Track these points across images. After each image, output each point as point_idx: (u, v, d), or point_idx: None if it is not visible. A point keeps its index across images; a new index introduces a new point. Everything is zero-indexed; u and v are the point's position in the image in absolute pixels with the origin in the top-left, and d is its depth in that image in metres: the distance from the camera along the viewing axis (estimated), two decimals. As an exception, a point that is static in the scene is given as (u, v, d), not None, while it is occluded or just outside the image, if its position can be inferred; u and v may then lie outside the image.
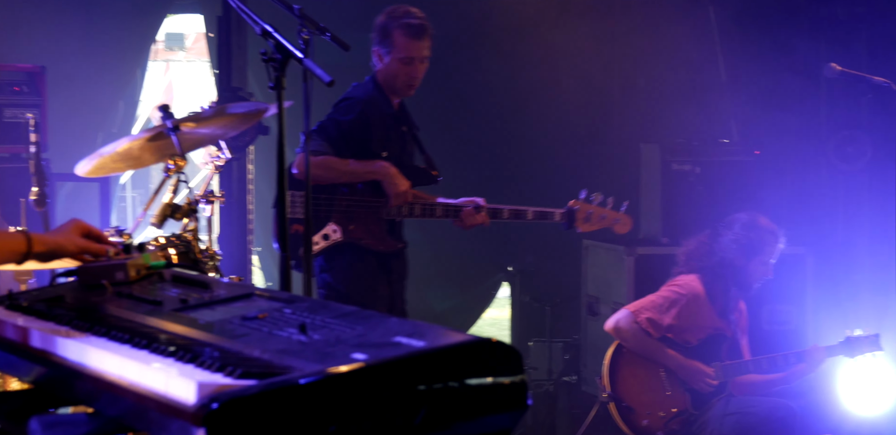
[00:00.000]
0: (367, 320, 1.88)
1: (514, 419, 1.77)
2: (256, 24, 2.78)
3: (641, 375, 4.67)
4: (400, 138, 4.57)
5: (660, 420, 4.62)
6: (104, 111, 7.28)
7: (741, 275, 4.72)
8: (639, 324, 4.62)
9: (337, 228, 4.41)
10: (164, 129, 3.10)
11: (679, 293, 4.69)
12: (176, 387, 1.64)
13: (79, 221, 2.36)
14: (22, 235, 2.29)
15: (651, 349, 4.62)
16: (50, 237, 2.31)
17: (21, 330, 2.02)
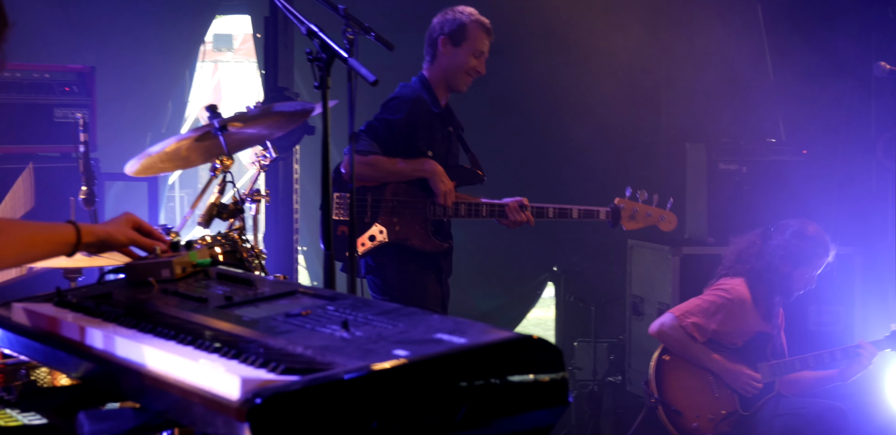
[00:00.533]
0: (409, 317, 1.89)
1: (555, 416, 1.78)
2: (302, 24, 2.80)
3: (688, 379, 4.65)
4: (445, 138, 4.59)
5: (709, 423, 4.60)
6: (153, 111, 7.37)
7: (785, 282, 4.69)
8: (684, 328, 4.60)
9: (383, 229, 4.44)
10: (211, 129, 3.14)
11: (726, 298, 4.66)
12: (220, 382, 1.66)
13: (131, 215, 2.37)
14: (70, 225, 2.30)
15: (695, 354, 4.60)
16: (100, 227, 2.32)
17: (70, 326, 2.05)
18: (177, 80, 7.57)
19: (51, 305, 2.24)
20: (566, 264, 6.95)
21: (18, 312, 2.20)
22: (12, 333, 2.19)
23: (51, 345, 2.07)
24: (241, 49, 12.26)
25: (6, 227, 2.25)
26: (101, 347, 1.96)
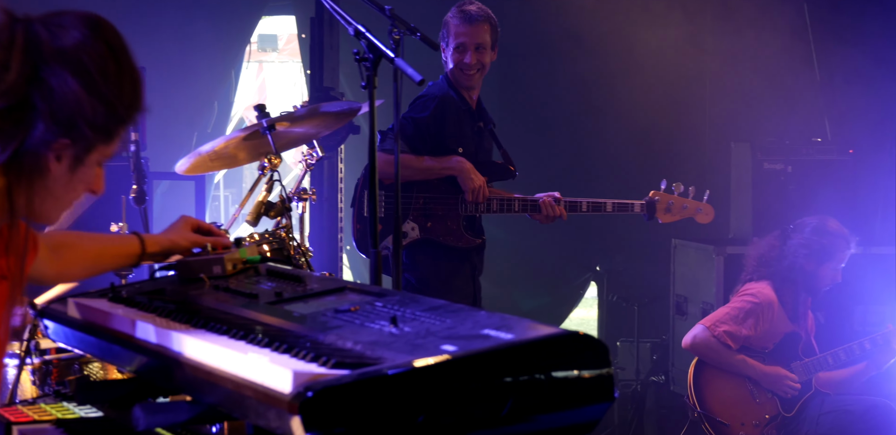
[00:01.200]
0: (457, 313, 1.92)
1: (600, 412, 1.79)
2: (349, 25, 2.84)
3: (727, 388, 4.64)
4: (476, 134, 4.61)
5: (755, 429, 4.60)
6: (199, 111, 7.45)
7: (811, 280, 4.67)
8: (717, 338, 4.60)
9: (415, 226, 4.48)
10: (259, 129, 3.18)
11: (754, 303, 4.65)
12: (272, 376, 1.69)
13: (188, 217, 2.43)
14: (135, 237, 2.37)
15: (731, 362, 4.60)
16: (163, 236, 2.39)
17: (124, 321, 2.09)
18: (223, 81, 7.65)
19: (105, 300, 2.29)
20: (609, 264, 6.95)
21: (74, 308, 2.25)
22: (68, 327, 2.24)
23: (105, 339, 2.12)
24: (286, 49, 12.35)
25: (74, 241, 2.32)
26: (155, 341, 2.00)
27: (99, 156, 1.89)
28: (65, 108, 1.80)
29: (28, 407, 2.30)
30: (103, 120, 1.83)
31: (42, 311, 2.33)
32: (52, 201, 1.89)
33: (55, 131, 1.81)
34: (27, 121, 1.79)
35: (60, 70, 1.80)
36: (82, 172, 1.88)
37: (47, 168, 1.84)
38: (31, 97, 1.79)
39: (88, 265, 2.36)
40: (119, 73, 1.85)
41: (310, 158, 3.46)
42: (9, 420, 2.19)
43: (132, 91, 1.87)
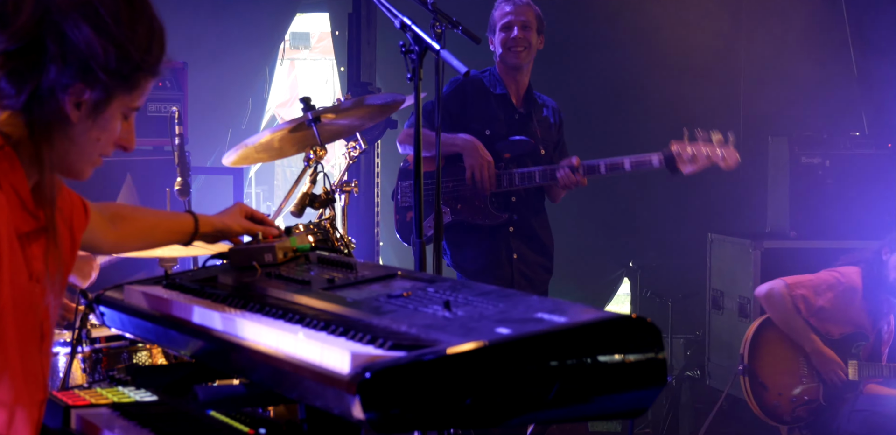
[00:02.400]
0: (509, 298, 1.94)
1: (652, 396, 1.81)
2: (395, 18, 2.86)
3: (781, 356, 4.63)
4: (510, 119, 4.61)
5: (790, 404, 4.59)
6: (234, 108, 7.51)
7: (884, 272, 4.62)
8: (792, 298, 4.58)
9: (447, 210, 4.53)
10: (305, 121, 3.22)
11: (838, 280, 4.63)
12: (330, 358, 1.72)
13: (242, 205, 2.48)
14: (189, 215, 2.41)
15: (795, 326, 4.57)
16: (216, 218, 2.43)
17: (181, 307, 2.13)
18: (257, 78, 7.70)
19: (160, 287, 2.33)
20: (642, 260, 6.94)
21: (131, 294, 2.29)
22: (124, 313, 2.28)
23: (162, 324, 2.16)
24: (318, 47, 12.40)
25: (131, 213, 2.36)
26: (212, 325, 2.04)
27: (121, 105, 1.90)
28: (76, 50, 1.82)
29: (84, 391, 2.34)
30: (115, 63, 1.84)
31: (97, 297, 2.37)
32: (76, 152, 1.91)
33: (69, 75, 1.83)
34: (40, 63, 1.83)
35: (72, 13, 1.83)
36: (104, 121, 1.90)
37: (66, 115, 1.86)
38: (43, 40, 1.82)
39: (143, 238, 2.39)
40: (132, 18, 1.87)
41: (353, 151, 3.49)
42: (67, 404, 2.23)
43: (147, 36, 1.89)
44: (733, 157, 4.51)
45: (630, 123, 6.78)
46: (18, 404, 1.87)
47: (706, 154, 4.48)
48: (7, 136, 1.89)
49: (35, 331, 1.93)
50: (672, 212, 6.71)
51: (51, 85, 1.83)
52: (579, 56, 6.70)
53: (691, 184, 6.61)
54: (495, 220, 4.60)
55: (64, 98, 1.85)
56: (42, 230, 1.93)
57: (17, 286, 1.86)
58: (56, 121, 1.86)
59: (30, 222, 1.91)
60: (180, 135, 4.06)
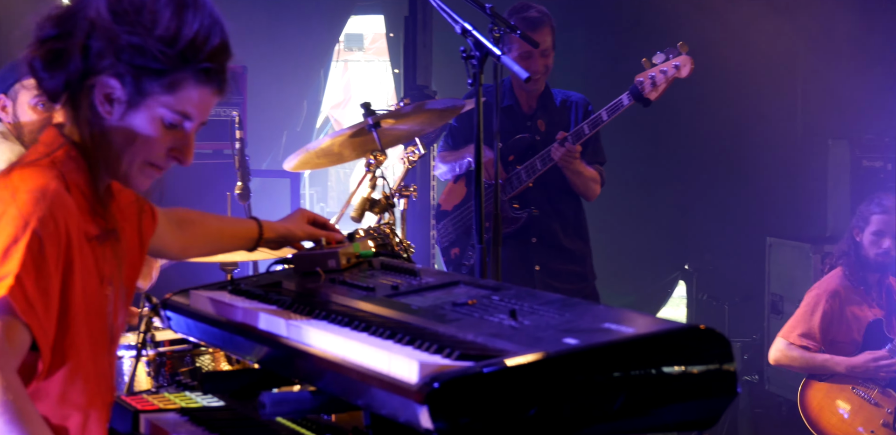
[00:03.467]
0: (575, 307, 1.93)
1: (722, 407, 1.80)
2: (456, 23, 2.87)
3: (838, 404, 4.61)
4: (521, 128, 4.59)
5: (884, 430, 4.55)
6: (289, 111, 7.56)
7: (859, 251, 4.69)
8: (793, 344, 4.63)
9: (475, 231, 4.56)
10: (365, 126, 3.23)
11: (816, 294, 4.71)
12: (398, 367, 1.73)
13: (305, 211, 2.49)
14: (254, 221, 2.43)
15: (818, 364, 4.60)
16: (280, 224, 2.45)
17: (246, 313, 2.14)
18: (312, 80, 7.75)
19: (225, 292, 2.34)
20: (698, 262, 6.90)
21: (197, 299, 2.31)
22: (190, 318, 2.30)
23: (228, 330, 2.17)
24: (371, 48, 12.45)
25: (198, 218, 2.39)
26: (277, 332, 2.05)
27: (159, 106, 1.88)
28: (99, 39, 1.86)
29: (152, 396, 2.37)
30: (141, 58, 1.85)
31: (164, 302, 2.40)
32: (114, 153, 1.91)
33: (95, 65, 1.86)
34: (67, 51, 1.87)
35: (97, 2, 1.87)
36: (136, 119, 1.89)
37: (98, 110, 1.88)
38: (73, 30, 1.87)
39: (210, 243, 2.42)
40: (155, 11, 1.87)
41: (411, 155, 3.50)
42: (136, 408, 2.26)
43: (176, 30, 1.87)
44: (689, 62, 4.36)
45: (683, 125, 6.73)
46: (92, 407, 1.90)
47: (663, 72, 4.37)
48: (73, 142, 1.92)
49: (105, 333, 1.96)
50: (729, 214, 6.66)
51: (79, 74, 1.87)
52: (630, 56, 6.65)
53: (750, 186, 6.56)
54: (518, 222, 4.56)
55: (94, 91, 1.87)
56: (111, 233, 1.96)
57: (89, 289, 1.89)
58: (91, 116, 1.89)
59: (98, 226, 1.94)
60: (241, 139, 4.09)
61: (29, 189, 1.83)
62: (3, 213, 1.80)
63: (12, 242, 1.77)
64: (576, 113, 4.70)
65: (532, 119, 4.63)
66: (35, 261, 1.77)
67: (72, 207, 1.86)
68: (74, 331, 1.86)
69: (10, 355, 1.75)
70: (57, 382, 1.86)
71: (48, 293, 1.79)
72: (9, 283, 1.74)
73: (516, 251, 4.54)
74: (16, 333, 1.76)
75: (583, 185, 4.59)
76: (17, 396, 1.73)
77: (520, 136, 4.61)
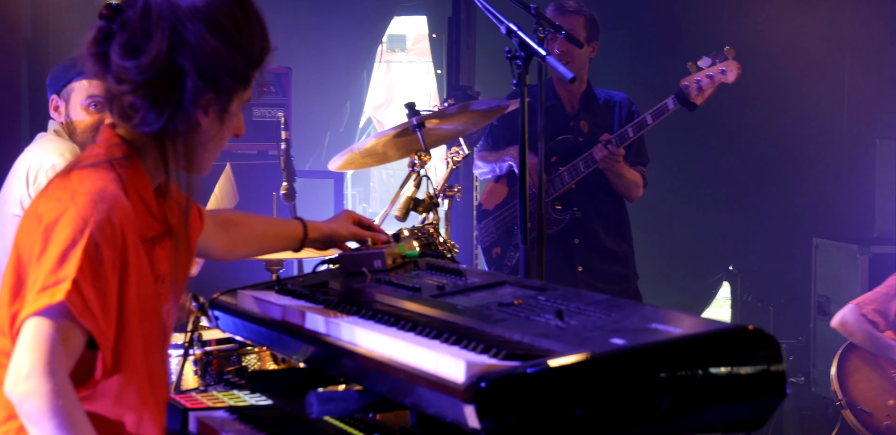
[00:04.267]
0: (622, 308, 1.93)
1: (770, 408, 1.79)
2: (501, 24, 2.87)
3: (873, 378, 4.56)
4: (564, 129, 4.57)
5: None
6: (333, 111, 7.59)
7: None
8: (865, 316, 4.55)
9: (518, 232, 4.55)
10: (409, 126, 3.24)
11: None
12: (445, 366, 1.73)
13: (350, 211, 2.51)
14: (299, 222, 2.45)
15: (879, 344, 4.54)
16: (325, 225, 2.46)
17: (293, 312, 2.16)
18: (355, 81, 7.78)
19: (272, 292, 2.36)
20: (742, 263, 6.85)
21: (244, 299, 2.33)
22: (238, 318, 2.33)
23: (275, 329, 2.19)
24: (413, 49, 12.47)
25: (243, 220, 2.41)
26: (325, 331, 2.06)
27: (239, 102, 1.98)
28: (208, 63, 1.89)
29: (201, 394, 2.39)
30: (243, 69, 1.92)
31: (212, 302, 2.42)
32: (203, 153, 1.99)
33: (202, 87, 1.89)
34: (178, 83, 1.89)
35: (198, 27, 1.89)
36: (228, 121, 1.97)
37: (198, 124, 1.93)
38: (176, 60, 1.88)
39: (255, 244, 2.44)
40: (248, 23, 1.94)
41: (455, 156, 3.50)
42: (185, 406, 2.29)
43: (261, 37, 1.97)
44: (736, 67, 4.33)
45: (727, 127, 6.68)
46: (146, 405, 1.92)
47: (709, 76, 4.34)
48: (129, 142, 1.94)
49: (158, 333, 1.98)
50: (775, 215, 6.61)
51: (187, 102, 1.90)
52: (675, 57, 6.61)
53: (796, 187, 6.50)
54: (561, 224, 4.55)
55: (196, 110, 1.91)
56: (166, 234, 1.99)
57: (143, 290, 1.91)
58: (190, 132, 1.94)
59: (154, 228, 1.96)
60: (286, 140, 4.12)
61: (87, 191, 1.85)
62: (62, 215, 1.82)
63: (70, 246, 1.79)
64: (619, 113, 4.68)
65: (575, 119, 4.62)
66: (92, 264, 1.79)
67: (128, 210, 1.88)
68: (130, 332, 1.88)
69: (63, 359, 1.77)
70: (113, 382, 1.88)
71: (106, 296, 1.81)
72: (66, 287, 1.76)
73: (559, 252, 4.52)
74: (71, 337, 1.78)
75: (625, 188, 4.57)
76: (68, 401, 1.75)
77: (562, 137, 4.60)
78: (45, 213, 1.84)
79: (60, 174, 1.92)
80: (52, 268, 1.78)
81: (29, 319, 1.77)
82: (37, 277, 1.80)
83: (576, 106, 4.63)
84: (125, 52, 1.89)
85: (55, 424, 1.73)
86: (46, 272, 1.78)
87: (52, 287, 1.77)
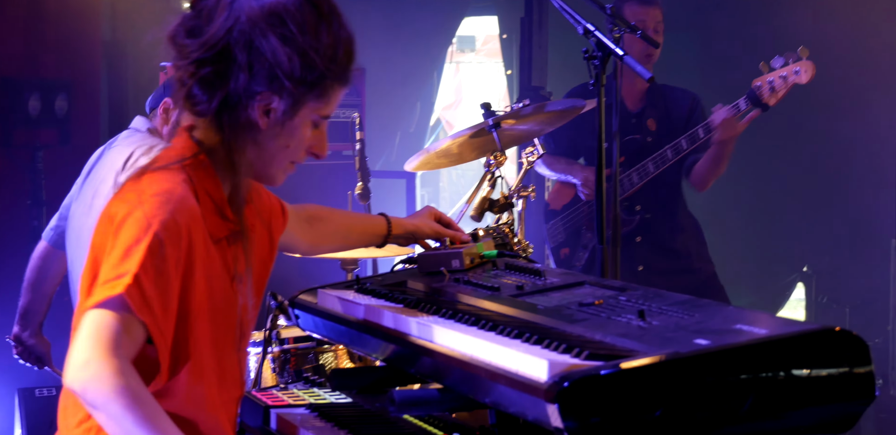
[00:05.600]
0: (704, 308, 1.92)
1: (859, 411, 1.77)
2: (578, 24, 2.87)
3: None
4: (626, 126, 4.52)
5: None
6: (403, 112, 7.62)
7: None
8: None
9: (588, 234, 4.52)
10: (485, 126, 3.25)
11: None
12: (527, 365, 1.74)
13: (433, 209, 2.52)
14: (382, 217, 2.46)
15: None
16: (408, 221, 2.48)
17: (374, 311, 2.18)
18: (426, 81, 7.79)
19: (352, 291, 2.38)
20: (818, 264, 6.75)
21: (324, 298, 2.35)
22: (318, 317, 2.35)
23: (356, 328, 2.21)
24: (483, 50, 12.46)
25: (327, 215, 2.43)
26: (405, 330, 2.07)
27: (311, 113, 1.95)
28: (262, 59, 1.89)
29: (282, 392, 2.42)
30: (300, 72, 1.90)
31: (292, 301, 2.45)
32: (266, 158, 1.97)
33: (257, 83, 1.90)
34: (229, 71, 1.90)
35: (259, 23, 1.89)
36: (292, 129, 1.94)
37: (255, 121, 1.92)
38: (231, 49, 1.89)
39: (339, 239, 2.47)
40: (318, 28, 1.91)
41: (530, 156, 3.50)
42: (267, 404, 2.32)
43: (333, 45, 1.93)
44: (808, 70, 4.27)
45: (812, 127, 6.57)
46: (218, 403, 1.95)
47: (783, 77, 4.28)
48: (200, 142, 1.97)
49: (233, 330, 2.00)
50: (851, 215, 6.50)
51: (240, 92, 1.90)
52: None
53: (873, 186, 6.39)
54: (630, 225, 4.52)
55: (253, 105, 1.91)
56: (239, 234, 2.01)
57: (216, 289, 1.93)
58: (246, 127, 1.93)
59: (225, 228, 1.98)
60: (361, 140, 4.15)
61: (154, 192, 1.86)
62: (129, 214, 1.84)
63: (134, 243, 1.80)
64: (687, 110, 4.63)
65: (639, 117, 4.58)
66: (155, 262, 1.80)
67: (195, 211, 1.89)
68: (198, 331, 1.89)
69: (124, 345, 1.75)
70: (182, 380, 1.89)
71: (167, 294, 1.82)
72: (127, 281, 1.77)
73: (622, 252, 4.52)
74: (132, 329, 1.77)
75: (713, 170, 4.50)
76: (132, 381, 1.72)
77: (630, 137, 4.57)
78: (116, 214, 1.86)
79: (133, 177, 1.93)
80: (115, 263, 1.79)
81: (90, 310, 1.76)
82: (102, 273, 1.81)
83: (639, 103, 4.59)
84: (189, 32, 1.92)
85: (122, 404, 1.69)
86: (110, 266, 1.79)
87: (112, 280, 1.77)
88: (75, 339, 1.76)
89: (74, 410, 1.89)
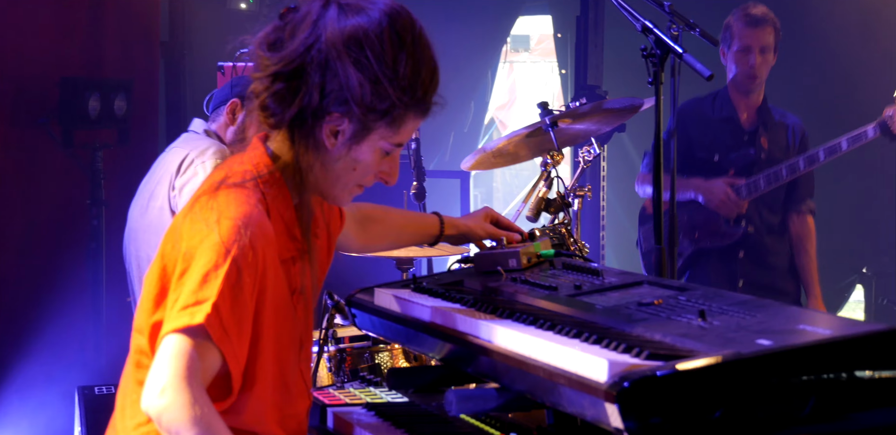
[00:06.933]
0: (766, 308, 1.90)
1: (925, 413, 1.74)
2: (637, 21, 2.84)
3: None
4: (738, 142, 4.47)
5: None
6: (457, 111, 7.61)
7: None
8: None
9: (685, 241, 4.46)
10: (542, 126, 3.23)
11: None
12: (586, 366, 1.72)
13: (489, 210, 2.51)
14: (436, 217, 2.46)
15: None
16: (461, 222, 2.47)
17: (431, 311, 2.17)
18: (479, 81, 7.79)
19: (409, 290, 2.38)
20: (878, 265, 6.65)
21: (381, 297, 2.35)
22: (375, 316, 2.35)
23: (413, 327, 2.20)
24: (537, 49, 12.43)
25: (381, 215, 2.44)
26: (463, 329, 2.07)
27: (380, 139, 1.95)
28: (335, 81, 1.89)
29: (339, 391, 2.42)
30: (371, 99, 1.90)
31: (349, 300, 2.45)
32: (331, 179, 1.97)
33: (328, 103, 1.90)
34: (302, 89, 1.90)
35: (337, 46, 1.89)
36: (359, 153, 1.94)
37: (322, 142, 1.93)
38: (306, 68, 1.90)
39: (392, 239, 2.47)
40: (396, 56, 1.90)
41: (587, 155, 3.48)
42: (324, 403, 2.32)
43: (411, 76, 1.92)
44: None
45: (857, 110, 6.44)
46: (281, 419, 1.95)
47: None
48: (275, 156, 1.97)
49: (295, 342, 2.00)
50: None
51: (311, 111, 1.91)
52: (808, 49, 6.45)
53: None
54: (732, 238, 4.47)
55: (321, 125, 1.92)
56: (304, 252, 2.01)
57: (279, 306, 1.94)
58: (314, 146, 1.94)
59: (293, 247, 1.98)
60: (416, 139, 4.16)
61: (233, 216, 1.86)
62: (206, 237, 1.84)
63: (213, 268, 1.81)
64: (793, 135, 4.59)
65: (752, 134, 4.53)
66: (233, 289, 1.81)
67: (270, 236, 1.89)
68: (263, 349, 1.91)
69: (200, 373, 1.79)
70: (247, 397, 1.91)
71: (242, 321, 1.83)
72: (206, 310, 1.78)
73: (724, 266, 4.48)
74: (209, 356, 1.80)
75: None
76: (206, 411, 1.76)
77: (745, 151, 4.52)
78: (191, 234, 1.86)
79: (208, 191, 1.93)
80: (194, 288, 1.80)
81: (169, 335, 1.79)
82: (178, 295, 1.82)
83: (752, 120, 4.54)
84: (270, 45, 1.94)
85: (197, 432, 1.74)
86: (189, 291, 1.80)
87: (192, 306, 1.79)
88: (155, 362, 1.80)
89: (133, 412, 1.91)
